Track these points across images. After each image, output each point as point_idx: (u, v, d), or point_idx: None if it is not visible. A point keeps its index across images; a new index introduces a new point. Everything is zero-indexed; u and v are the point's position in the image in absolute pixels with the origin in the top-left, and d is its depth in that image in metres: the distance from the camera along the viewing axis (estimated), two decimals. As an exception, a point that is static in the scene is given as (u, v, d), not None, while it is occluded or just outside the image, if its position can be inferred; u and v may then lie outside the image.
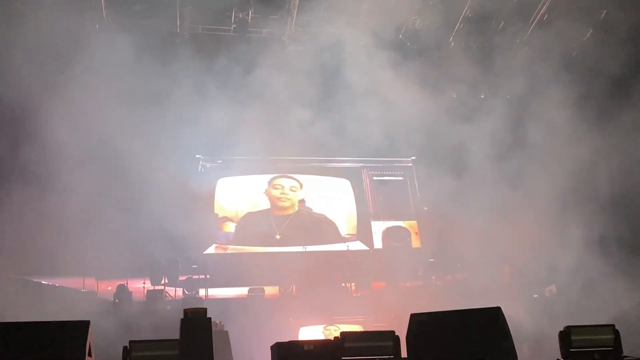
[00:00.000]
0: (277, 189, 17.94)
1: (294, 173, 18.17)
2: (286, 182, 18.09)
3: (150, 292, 13.91)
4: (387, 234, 18.01)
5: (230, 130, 15.80)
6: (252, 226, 17.34)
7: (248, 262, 15.76)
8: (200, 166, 17.68)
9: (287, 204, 17.84)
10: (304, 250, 16.73)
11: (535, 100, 15.71)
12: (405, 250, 17.50)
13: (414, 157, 18.65)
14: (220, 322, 10.73)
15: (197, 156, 17.56)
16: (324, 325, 13.81)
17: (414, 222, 18.25)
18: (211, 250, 16.69)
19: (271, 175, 18.03)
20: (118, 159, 14.44)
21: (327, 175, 18.44)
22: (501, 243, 14.47)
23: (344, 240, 17.17)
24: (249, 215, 17.55)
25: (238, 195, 17.73)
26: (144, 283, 14.57)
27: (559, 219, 14.45)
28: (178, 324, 6.65)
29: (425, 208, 18.15)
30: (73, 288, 14.00)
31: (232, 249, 16.98)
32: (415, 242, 17.95)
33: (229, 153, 17.24)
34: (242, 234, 17.25)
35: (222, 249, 16.82)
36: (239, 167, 17.79)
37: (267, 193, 17.82)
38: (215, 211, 17.33)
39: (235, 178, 17.95)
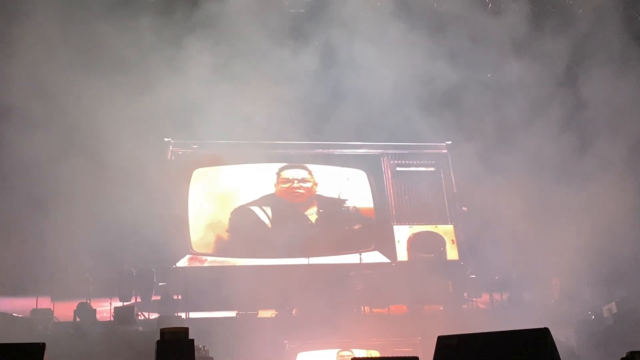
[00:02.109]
0: (285, 183, 18.84)
1: (290, 162, 18.97)
2: (294, 174, 18.94)
3: (118, 310, 14.62)
4: (415, 242, 18.58)
5: (208, 105, 16.52)
6: (239, 232, 17.96)
7: (233, 279, 16.01)
8: (169, 153, 18.32)
9: (299, 199, 18.68)
10: (307, 262, 17.29)
11: (595, 70, 16.58)
12: (438, 263, 18.05)
13: (450, 142, 19.33)
14: (204, 347, 11.17)
15: (165, 139, 18.23)
16: (337, 350, 14.50)
17: (449, 227, 18.88)
18: (184, 262, 17.30)
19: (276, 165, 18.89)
20: (65, 139, 15.45)
21: (335, 165, 19.04)
22: (552, 248, 15.45)
23: (357, 250, 17.57)
24: (235, 217, 18.21)
25: (220, 191, 18.40)
26: (111, 301, 15.24)
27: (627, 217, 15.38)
28: (153, 348, 7.19)
29: (464, 208, 18.80)
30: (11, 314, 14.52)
31: (211, 261, 17.62)
32: (452, 253, 18.57)
33: (208, 136, 17.88)
34: (225, 242, 17.91)
35: (197, 261, 17.46)
36: (220, 154, 18.42)
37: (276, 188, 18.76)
38: (190, 212, 17.98)
39: (215, 169, 18.60)
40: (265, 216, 18.28)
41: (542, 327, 6.42)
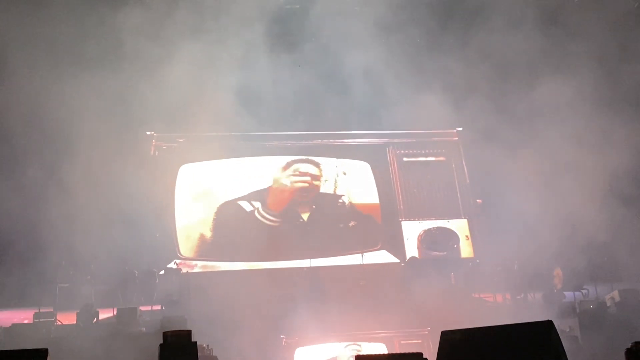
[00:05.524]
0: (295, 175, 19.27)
1: (287, 154, 19.29)
2: (304, 168, 19.35)
3: (121, 311, 15.28)
4: (425, 239, 18.92)
5: (194, 95, 16.94)
6: (233, 233, 18.23)
7: (226, 285, 16.31)
8: (152, 147, 18.68)
9: (305, 198, 19.04)
10: (309, 265, 17.61)
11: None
12: (452, 262, 18.26)
13: (461, 128, 19.68)
14: (207, 346, 11.76)
15: (148, 133, 18.59)
16: (346, 344, 14.92)
17: (463, 222, 19.20)
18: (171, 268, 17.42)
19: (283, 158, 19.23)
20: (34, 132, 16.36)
21: (336, 157, 19.39)
22: (556, 238, 16.01)
23: (362, 249, 17.84)
24: (223, 214, 18.53)
25: (209, 189, 18.72)
26: (114, 310, 15.61)
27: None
28: (156, 349, 7.71)
29: (478, 201, 19.18)
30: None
31: (202, 266, 17.96)
32: (466, 250, 18.90)
33: (194, 128, 18.10)
34: (217, 245, 18.25)
35: (186, 267, 17.63)
36: (208, 148, 18.63)
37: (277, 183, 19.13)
38: (176, 213, 18.33)
39: (204, 164, 18.92)
40: (256, 212, 18.64)
41: (546, 319, 6.87)
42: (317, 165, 19.37)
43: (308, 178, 19.26)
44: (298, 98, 17.79)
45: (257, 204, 18.77)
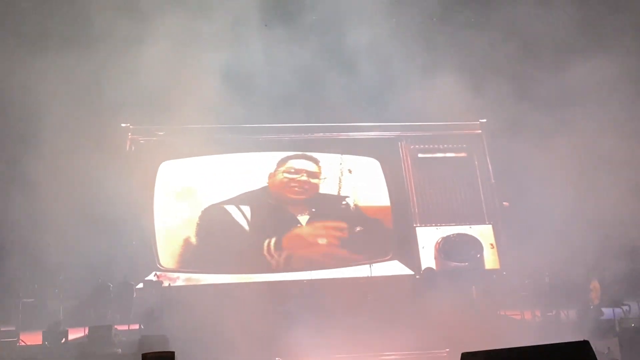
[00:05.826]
0: (291, 173, 18.51)
1: (283, 150, 18.54)
2: (299, 164, 18.59)
3: (93, 330, 14.80)
4: (444, 247, 18.20)
5: (176, 80, 16.17)
6: (220, 241, 17.52)
7: (213, 300, 15.71)
8: (129, 142, 17.99)
9: (301, 196, 18.32)
10: (309, 277, 17.11)
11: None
12: (474, 274, 17.52)
13: (484, 120, 18.83)
14: None
15: (123, 125, 17.87)
16: None
17: (487, 227, 18.43)
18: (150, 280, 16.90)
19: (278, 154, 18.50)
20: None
21: (341, 153, 18.68)
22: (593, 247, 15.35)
23: (369, 259, 17.40)
24: (214, 222, 17.81)
25: (193, 189, 18.02)
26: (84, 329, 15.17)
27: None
28: None
29: (505, 203, 18.38)
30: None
31: (185, 279, 17.32)
32: (491, 260, 18.13)
33: (175, 120, 17.32)
34: (202, 255, 17.54)
35: (168, 279, 17.00)
36: (192, 142, 17.88)
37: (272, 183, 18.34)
38: (155, 217, 17.69)
39: (187, 161, 18.20)
40: (243, 218, 18.01)
41: (582, 339, 6.70)
42: (315, 161, 18.64)
43: (304, 176, 18.57)
44: (297, 84, 16.96)
45: (246, 207, 18.07)
